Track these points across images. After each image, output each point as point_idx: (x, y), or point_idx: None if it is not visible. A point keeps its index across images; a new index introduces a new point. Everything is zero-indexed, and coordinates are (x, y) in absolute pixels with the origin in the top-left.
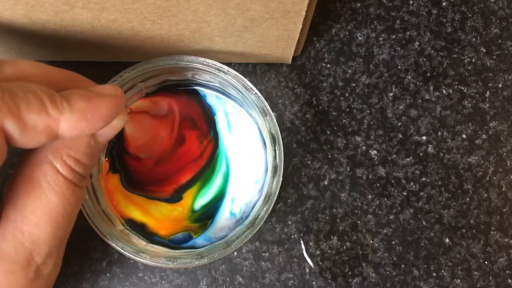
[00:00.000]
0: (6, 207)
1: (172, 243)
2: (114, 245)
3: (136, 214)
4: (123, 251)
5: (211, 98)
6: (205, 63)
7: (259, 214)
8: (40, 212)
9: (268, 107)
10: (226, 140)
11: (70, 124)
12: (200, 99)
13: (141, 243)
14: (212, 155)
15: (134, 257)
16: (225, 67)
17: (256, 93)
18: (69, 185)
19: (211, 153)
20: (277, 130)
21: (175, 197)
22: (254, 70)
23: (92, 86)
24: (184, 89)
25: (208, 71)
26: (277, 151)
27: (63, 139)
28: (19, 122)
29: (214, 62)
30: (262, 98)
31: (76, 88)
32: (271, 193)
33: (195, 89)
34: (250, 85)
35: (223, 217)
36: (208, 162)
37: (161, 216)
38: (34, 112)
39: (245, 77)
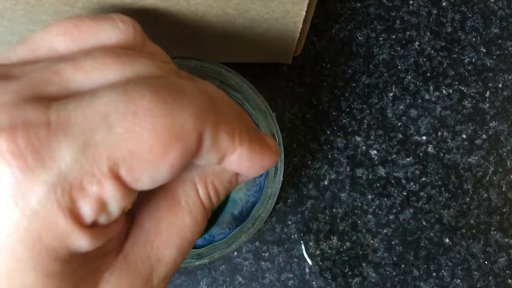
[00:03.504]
0: (142, 214)
1: None
2: None
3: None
4: None
5: None
6: (205, 63)
7: (259, 215)
8: (174, 232)
9: (269, 108)
10: None
11: (240, 158)
12: None
13: None
14: None
15: None
16: (226, 67)
17: (257, 94)
18: (203, 212)
19: None
20: (278, 131)
21: None
22: (254, 70)
23: (254, 126)
24: None
25: (208, 71)
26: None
27: (216, 166)
28: (214, 138)
29: (214, 62)
30: (263, 99)
31: (249, 125)
32: (272, 194)
33: None
34: (251, 86)
35: (224, 217)
36: None
37: None
38: (226, 133)
39: (245, 77)
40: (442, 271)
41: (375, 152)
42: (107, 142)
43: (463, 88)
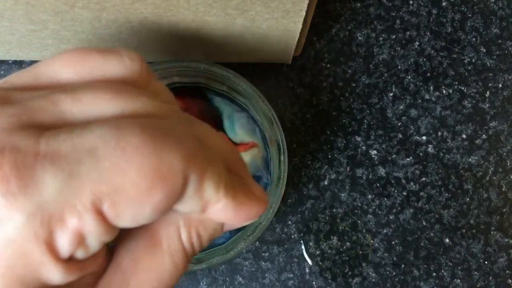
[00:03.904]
0: (121, 251)
1: None
2: None
3: None
4: None
5: (218, 102)
6: (214, 68)
7: (260, 222)
8: (152, 274)
9: (275, 116)
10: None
11: (224, 209)
12: (207, 103)
13: None
14: None
15: None
16: (234, 73)
17: (264, 101)
18: (184, 258)
19: None
20: (283, 139)
21: None
22: (254, 70)
23: (248, 176)
24: (192, 92)
25: (217, 77)
26: (281, 160)
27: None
28: (199, 184)
29: (223, 68)
30: (270, 106)
31: (236, 175)
32: (274, 202)
33: (202, 92)
34: (258, 92)
35: None
36: None
37: None
38: (211, 182)
39: (245, 77)
40: (442, 271)
41: (375, 152)
42: (93, 175)
43: (463, 88)
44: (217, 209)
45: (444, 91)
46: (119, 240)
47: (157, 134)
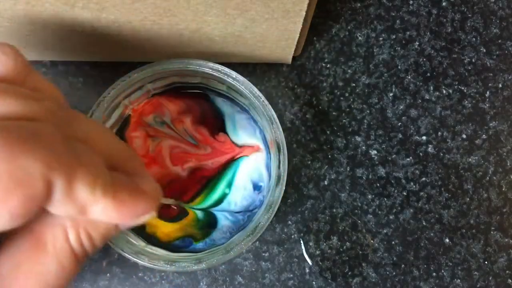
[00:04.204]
0: (2, 257)
1: (173, 247)
2: (113, 245)
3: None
4: (122, 251)
5: (220, 103)
6: (214, 68)
7: (260, 222)
8: (34, 278)
9: (275, 116)
10: (231, 137)
11: (105, 210)
12: (209, 104)
13: (140, 244)
14: (224, 164)
15: (133, 258)
16: (234, 73)
17: (263, 101)
18: (72, 259)
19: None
20: (282, 139)
21: (180, 216)
22: (254, 70)
23: (140, 170)
24: (191, 92)
25: (217, 76)
26: (281, 160)
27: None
28: (67, 187)
29: (223, 68)
30: (270, 106)
31: (125, 170)
32: (273, 202)
33: (202, 92)
34: (258, 92)
35: (224, 223)
36: (219, 172)
37: (164, 225)
38: (83, 184)
39: (245, 77)
40: (442, 271)
41: (375, 152)
42: None
43: (463, 88)
44: (97, 210)
45: (444, 91)
46: (1, 247)
47: (14, 138)
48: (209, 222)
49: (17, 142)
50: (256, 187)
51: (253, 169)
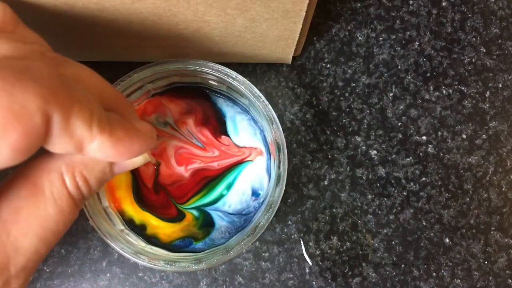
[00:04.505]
0: (1, 203)
1: (173, 247)
2: (113, 245)
3: (139, 219)
4: (122, 251)
5: (221, 103)
6: (214, 68)
7: (259, 222)
8: (34, 221)
9: (275, 116)
10: (232, 139)
11: (102, 147)
12: (208, 103)
13: (140, 244)
14: (229, 166)
15: (133, 258)
16: (234, 73)
17: (263, 101)
18: (70, 202)
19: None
20: (282, 139)
21: (179, 217)
22: (254, 70)
23: (132, 113)
24: (191, 92)
25: (217, 76)
26: (281, 160)
27: (83, 156)
28: (64, 122)
29: (223, 68)
30: (270, 106)
31: (118, 113)
32: (273, 202)
33: (202, 92)
34: (258, 92)
35: (221, 223)
36: (221, 173)
37: (166, 227)
38: (80, 120)
39: (245, 77)
40: (442, 271)
41: (375, 152)
42: None
43: (463, 88)
44: (94, 147)
45: (444, 91)
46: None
47: (9, 73)
48: (206, 221)
49: (13, 77)
50: (255, 194)
51: (255, 175)
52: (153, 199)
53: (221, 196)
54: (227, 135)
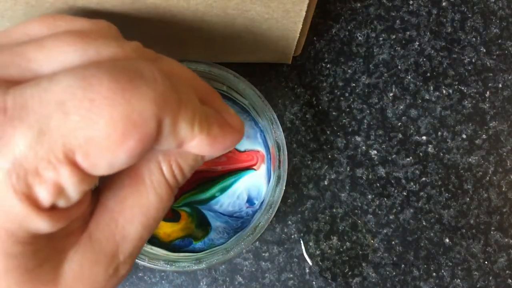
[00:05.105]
0: (105, 193)
1: (173, 247)
2: None
3: None
4: None
5: None
6: (214, 67)
7: (259, 222)
8: (138, 209)
9: (275, 116)
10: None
11: (200, 144)
12: None
13: None
14: (232, 171)
15: None
16: (234, 73)
17: (263, 101)
18: (168, 190)
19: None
20: (283, 140)
21: (176, 217)
22: (254, 70)
23: (222, 105)
24: None
25: (217, 76)
26: (281, 161)
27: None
28: (173, 125)
29: (223, 68)
30: (270, 106)
31: (210, 105)
32: (273, 202)
33: None
34: (258, 92)
35: (219, 223)
36: (220, 176)
37: (166, 226)
38: (185, 122)
39: (245, 77)
40: (442, 271)
41: (375, 152)
42: (63, 129)
43: (463, 88)
44: (193, 145)
45: (444, 91)
46: (104, 184)
47: (125, 80)
48: (200, 218)
49: (129, 85)
50: (250, 201)
51: (255, 183)
52: None
53: (212, 197)
54: None
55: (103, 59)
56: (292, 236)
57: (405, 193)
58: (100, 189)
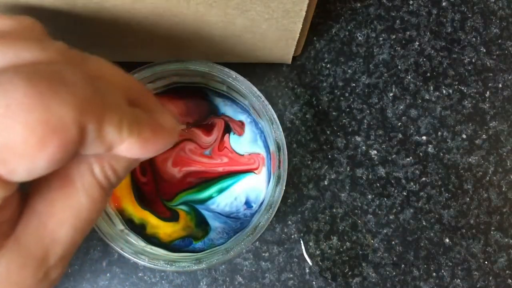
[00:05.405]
0: (34, 197)
1: (173, 247)
2: (113, 245)
3: (138, 218)
4: (122, 251)
5: (219, 102)
6: (214, 68)
7: (259, 222)
8: (68, 212)
9: (275, 116)
10: (233, 146)
11: (130, 148)
12: (208, 104)
13: (140, 244)
14: (232, 172)
15: (133, 258)
16: (234, 73)
17: (263, 101)
18: (101, 192)
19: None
20: (282, 139)
21: (175, 217)
22: (254, 70)
23: (155, 105)
24: (191, 92)
25: (217, 76)
26: (281, 161)
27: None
28: (97, 130)
29: (223, 67)
30: (270, 106)
31: (141, 106)
32: (273, 202)
33: (202, 92)
34: (258, 92)
35: (217, 223)
36: (219, 177)
37: (166, 226)
38: (112, 126)
39: (245, 77)
40: (442, 271)
41: (375, 152)
42: None
43: (463, 88)
44: (123, 148)
45: (444, 91)
46: (32, 187)
47: (43, 85)
48: (199, 217)
49: (48, 89)
50: (248, 204)
51: (254, 187)
52: (146, 189)
53: (210, 197)
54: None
55: (23, 62)
56: (292, 236)
57: (405, 193)
58: (29, 192)
